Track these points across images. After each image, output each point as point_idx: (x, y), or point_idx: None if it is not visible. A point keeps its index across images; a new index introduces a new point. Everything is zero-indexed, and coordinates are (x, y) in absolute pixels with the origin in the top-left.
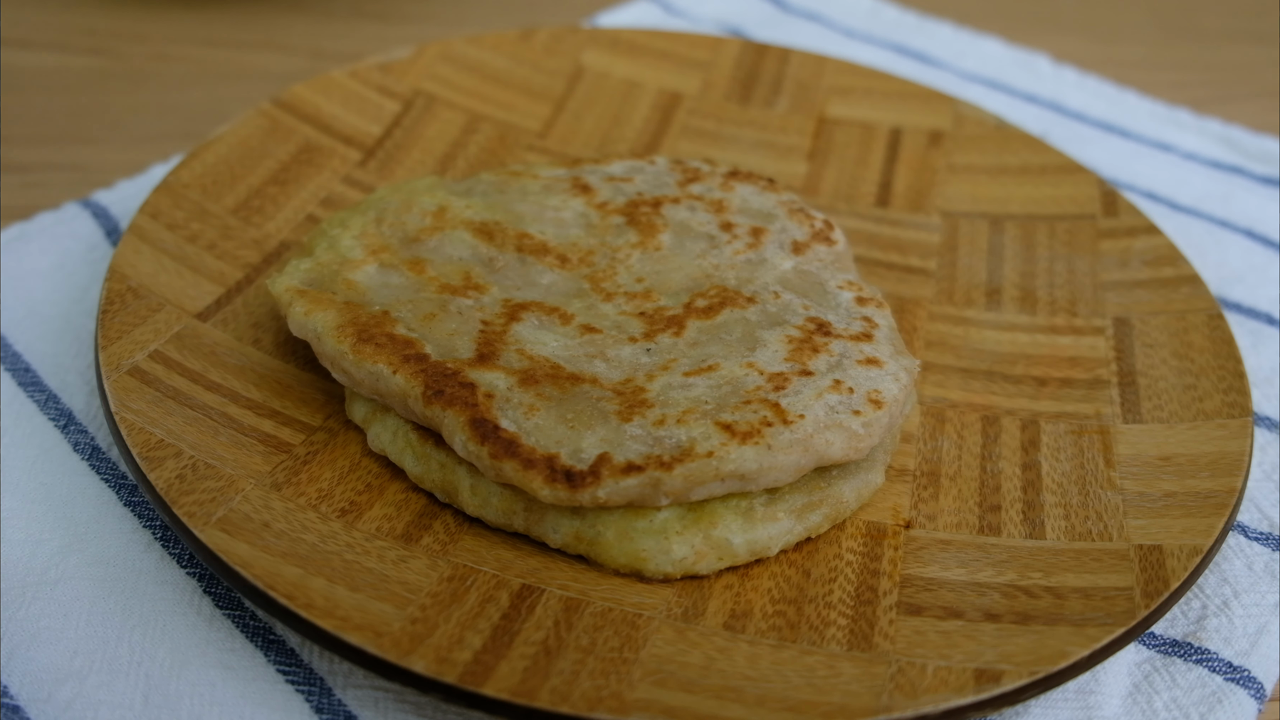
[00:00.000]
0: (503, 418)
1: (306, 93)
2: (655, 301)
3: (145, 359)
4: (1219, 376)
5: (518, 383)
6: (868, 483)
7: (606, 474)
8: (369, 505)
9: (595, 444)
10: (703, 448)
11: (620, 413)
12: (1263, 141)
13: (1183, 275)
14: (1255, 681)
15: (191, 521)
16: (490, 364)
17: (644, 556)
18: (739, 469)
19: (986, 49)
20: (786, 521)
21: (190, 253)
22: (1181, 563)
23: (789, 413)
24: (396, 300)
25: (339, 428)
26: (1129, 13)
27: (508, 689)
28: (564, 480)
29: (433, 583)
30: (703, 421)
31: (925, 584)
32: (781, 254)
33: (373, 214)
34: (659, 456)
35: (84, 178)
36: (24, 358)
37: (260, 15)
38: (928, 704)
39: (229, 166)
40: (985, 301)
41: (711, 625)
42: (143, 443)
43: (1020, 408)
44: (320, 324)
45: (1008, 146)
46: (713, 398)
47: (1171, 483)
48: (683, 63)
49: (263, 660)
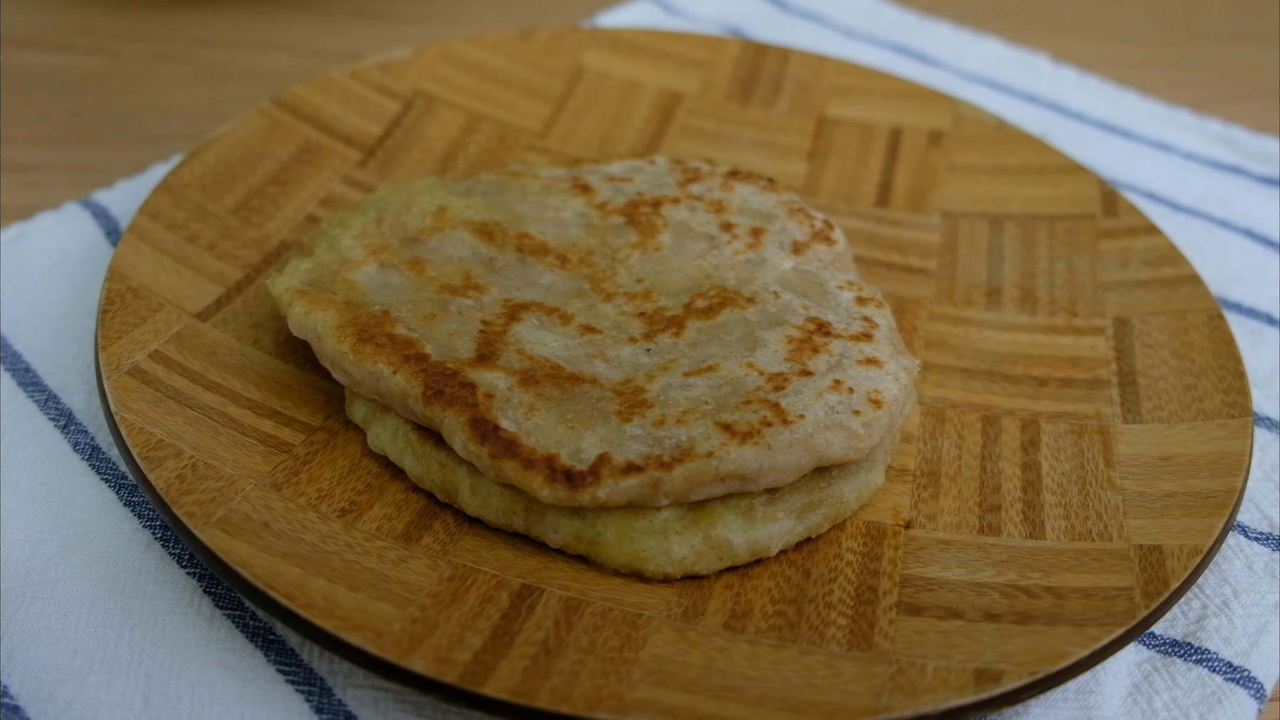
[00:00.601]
0: (503, 418)
1: (306, 93)
2: (655, 302)
3: (145, 359)
4: (1219, 376)
5: (518, 383)
6: (868, 483)
7: (606, 474)
8: (369, 505)
9: (595, 444)
10: (703, 448)
11: (620, 413)
12: (1263, 141)
13: (1183, 275)
14: (1255, 681)
15: (191, 521)
16: (490, 364)
17: (644, 556)
18: (739, 469)
19: (986, 49)
20: (786, 521)
21: (190, 253)
22: (1181, 563)
23: (789, 413)
24: (396, 300)
25: (339, 428)
26: (1129, 13)
27: (508, 689)
28: (564, 480)
29: (433, 583)
30: (703, 421)
31: (925, 584)
32: (781, 254)
33: (373, 214)
34: (659, 456)
35: (84, 178)
36: (24, 358)
37: (260, 15)
38: (928, 704)
39: (229, 166)
40: (985, 301)
41: (711, 625)
42: (143, 443)
43: (1020, 408)
44: (320, 324)
45: (1008, 146)
46: (713, 398)
47: (1171, 483)
48: (683, 63)
49: (263, 660)
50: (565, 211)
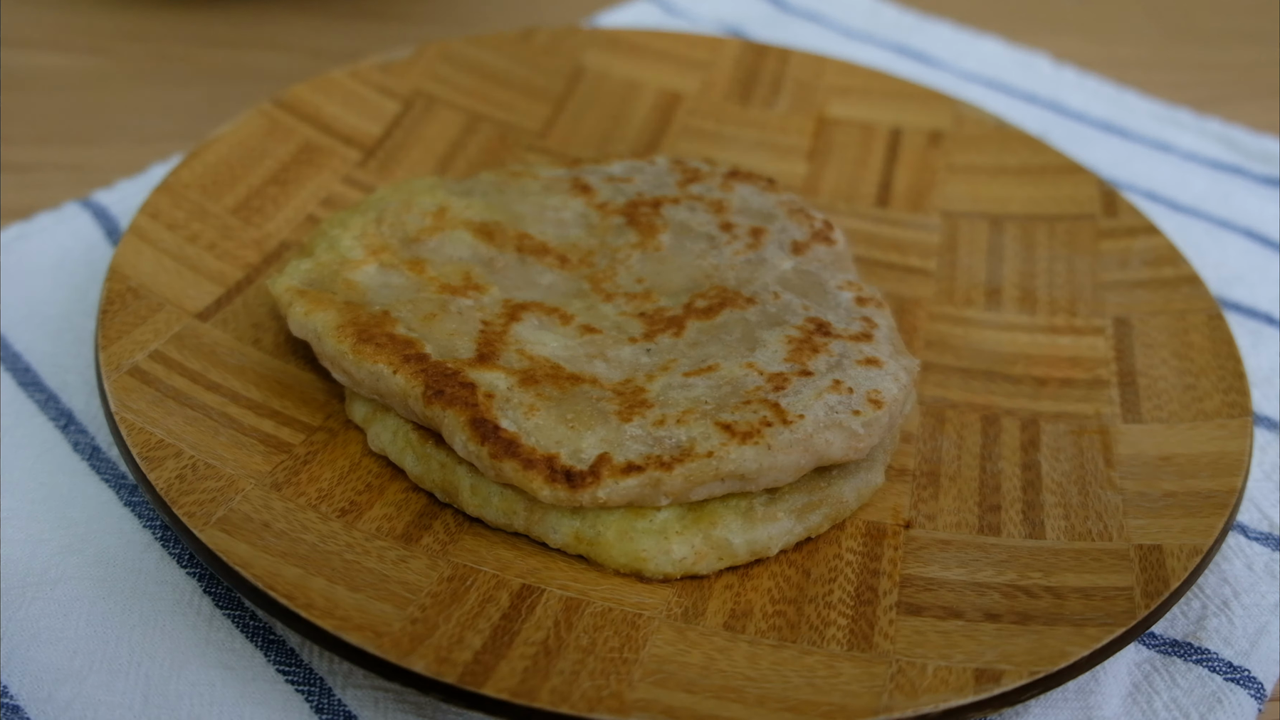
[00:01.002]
0: (503, 418)
1: (306, 93)
2: (655, 302)
3: (145, 359)
4: (1219, 376)
5: (518, 383)
6: (868, 482)
7: (606, 474)
8: (369, 505)
9: (595, 444)
10: (703, 448)
11: (620, 413)
12: (1263, 141)
13: (1182, 275)
14: (1255, 681)
15: (191, 521)
16: (490, 364)
17: (644, 556)
18: (739, 469)
19: (986, 49)
20: (786, 521)
21: (190, 253)
22: (1182, 562)
23: (789, 413)
24: (397, 300)
25: (339, 428)
26: (1129, 13)
27: (508, 689)
28: (564, 480)
29: (433, 583)
30: (703, 421)
31: (925, 584)
32: (781, 254)
33: (373, 214)
34: (659, 456)
35: (84, 178)
36: (24, 358)
37: (260, 15)
38: (928, 704)
39: (229, 166)
40: (985, 301)
41: (711, 625)
42: (143, 443)
43: (1020, 408)
44: (320, 324)
45: (1008, 146)
46: (712, 398)
47: (1171, 482)
48: (683, 63)
49: (263, 660)
50: (565, 212)
